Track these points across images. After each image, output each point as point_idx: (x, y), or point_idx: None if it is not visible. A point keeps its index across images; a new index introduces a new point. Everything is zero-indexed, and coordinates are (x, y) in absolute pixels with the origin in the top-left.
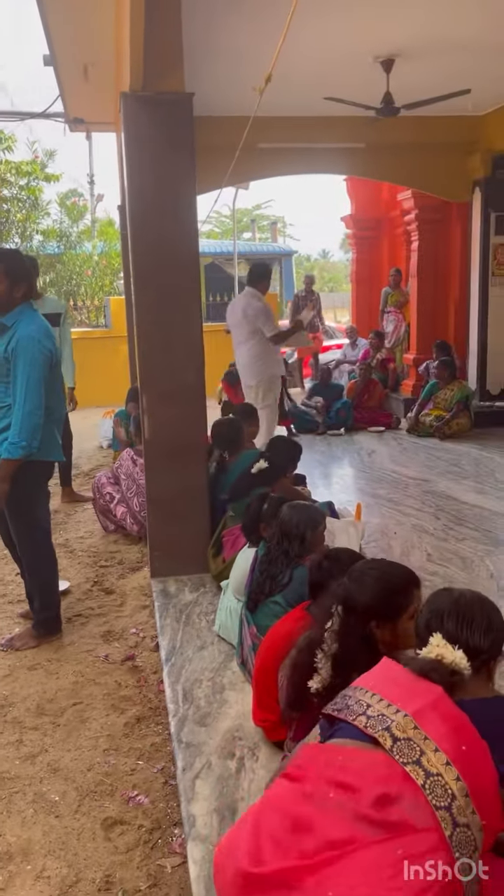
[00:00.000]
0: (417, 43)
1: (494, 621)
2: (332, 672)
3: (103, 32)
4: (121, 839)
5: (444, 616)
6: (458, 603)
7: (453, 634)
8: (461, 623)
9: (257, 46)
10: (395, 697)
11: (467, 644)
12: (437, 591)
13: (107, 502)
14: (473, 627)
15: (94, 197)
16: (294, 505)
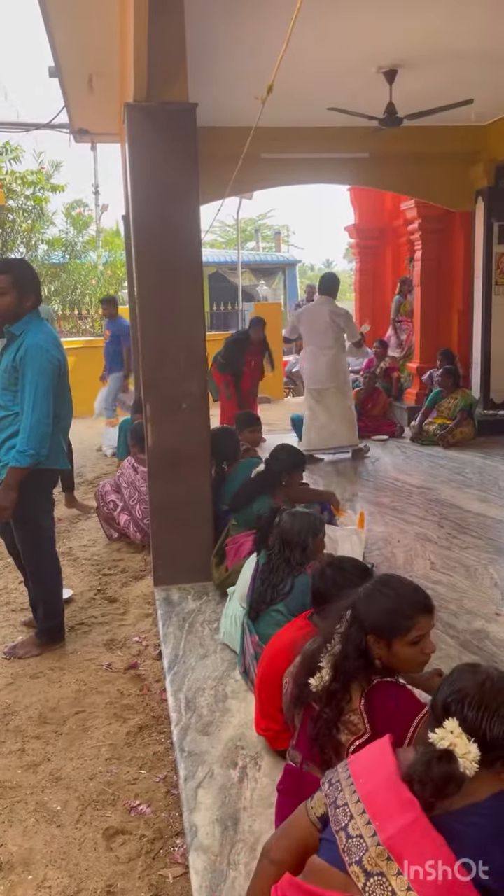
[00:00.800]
0: (420, 53)
1: None
2: (331, 674)
3: (108, 44)
4: (122, 849)
5: (465, 700)
6: (483, 687)
7: (473, 724)
8: (484, 712)
9: (260, 57)
10: (377, 809)
11: (485, 737)
12: (462, 666)
13: (110, 510)
14: (496, 719)
15: (98, 207)
16: (294, 513)
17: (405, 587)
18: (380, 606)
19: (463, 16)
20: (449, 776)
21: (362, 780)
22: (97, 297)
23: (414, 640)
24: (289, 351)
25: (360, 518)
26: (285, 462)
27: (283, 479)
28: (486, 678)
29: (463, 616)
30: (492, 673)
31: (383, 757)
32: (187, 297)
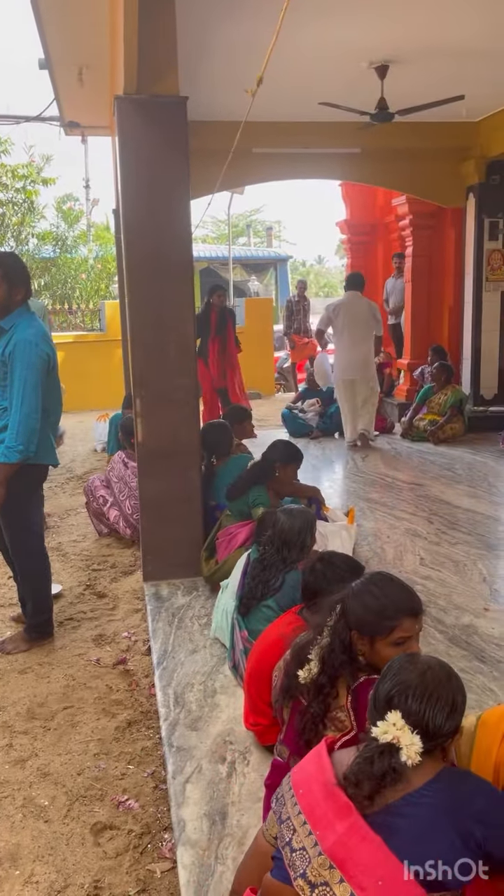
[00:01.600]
0: (411, 49)
1: (458, 703)
2: (319, 667)
3: (98, 36)
4: (110, 844)
5: (408, 692)
6: (425, 678)
7: (416, 715)
8: (426, 702)
9: (252, 51)
10: (316, 819)
11: (427, 727)
12: (401, 658)
13: (100, 505)
14: (437, 709)
15: (89, 201)
16: (289, 511)
17: (394, 588)
18: (365, 604)
19: (454, 12)
20: (389, 770)
21: (302, 790)
22: (88, 291)
23: (396, 640)
24: (279, 346)
25: (350, 513)
26: (281, 452)
27: (277, 470)
28: (427, 668)
29: (451, 611)
30: (432, 663)
31: (319, 764)
32: (177, 292)
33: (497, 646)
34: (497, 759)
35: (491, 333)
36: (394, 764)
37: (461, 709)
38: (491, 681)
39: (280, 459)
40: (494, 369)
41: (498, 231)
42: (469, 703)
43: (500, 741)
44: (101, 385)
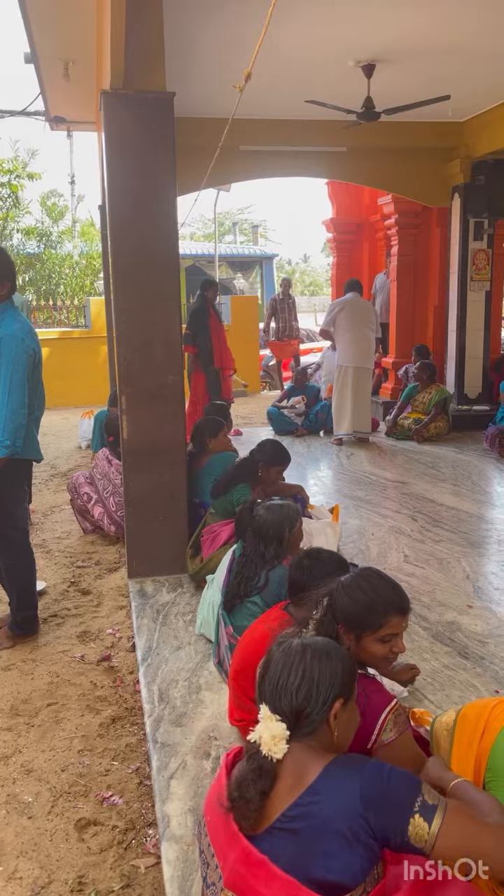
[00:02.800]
0: (398, 48)
1: (316, 674)
2: None
3: (84, 31)
4: (94, 840)
5: (265, 680)
6: (279, 661)
7: (273, 701)
8: (279, 684)
9: (239, 48)
10: (219, 847)
11: (289, 710)
12: (275, 643)
13: (84, 503)
14: (293, 688)
15: (74, 197)
16: (269, 505)
17: (384, 585)
18: (354, 599)
19: (441, 12)
20: (257, 772)
21: (209, 816)
22: (73, 287)
23: (383, 637)
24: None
25: (335, 511)
26: (267, 453)
27: (260, 470)
28: (286, 649)
29: (435, 608)
30: (293, 644)
31: (218, 784)
32: (163, 289)
33: (480, 642)
34: (478, 752)
35: (475, 333)
36: (260, 762)
37: (328, 678)
38: (474, 677)
39: (264, 460)
40: (478, 369)
41: (483, 231)
42: (452, 699)
43: (481, 735)
44: (86, 382)
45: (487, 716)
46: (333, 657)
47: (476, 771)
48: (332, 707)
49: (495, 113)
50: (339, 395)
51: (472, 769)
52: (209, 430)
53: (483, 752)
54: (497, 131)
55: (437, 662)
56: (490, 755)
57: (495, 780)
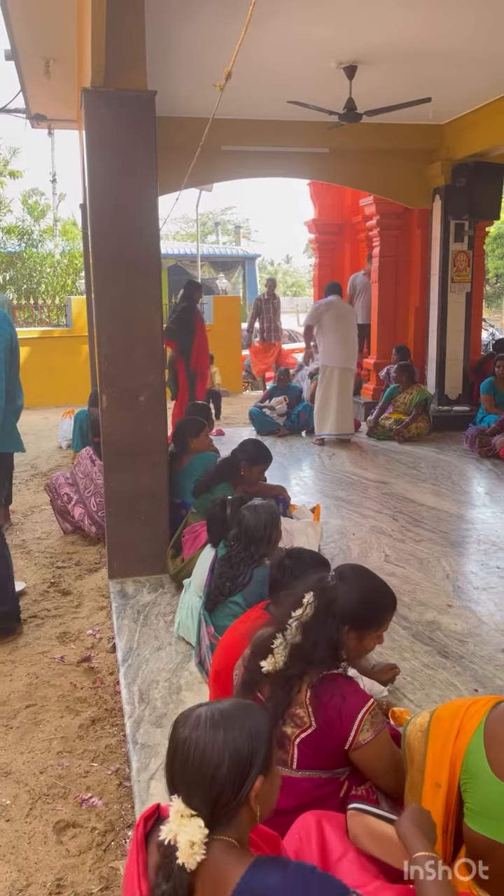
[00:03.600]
0: (380, 50)
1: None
2: (287, 660)
3: (66, 28)
4: (73, 842)
5: (178, 773)
6: (174, 748)
7: (185, 796)
8: (185, 780)
9: (221, 47)
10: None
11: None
12: (177, 721)
13: (64, 503)
14: (199, 781)
15: (56, 195)
16: (253, 507)
17: (379, 581)
18: (362, 598)
19: (423, 15)
20: (173, 886)
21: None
22: (54, 286)
23: (380, 634)
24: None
25: (316, 511)
26: (249, 452)
27: (242, 469)
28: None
29: (416, 607)
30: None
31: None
32: (145, 288)
33: (459, 641)
34: (453, 753)
35: (456, 334)
36: (175, 875)
37: (247, 753)
38: (453, 676)
39: (246, 459)
40: (459, 370)
41: (463, 233)
42: (432, 698)
43: (456, 736)
44: (67, 381)
45: (462, 716)
46: (248, 722)
47: (451, 773)
48: (252, 786)
49: (475, 116)
50: (323, 396)
51: (447, 771)
52: (191, 429)
53: (458, 753)
54: (477, 134)
55: (417, 661)
56: (465, 756)
57: (470, 782)
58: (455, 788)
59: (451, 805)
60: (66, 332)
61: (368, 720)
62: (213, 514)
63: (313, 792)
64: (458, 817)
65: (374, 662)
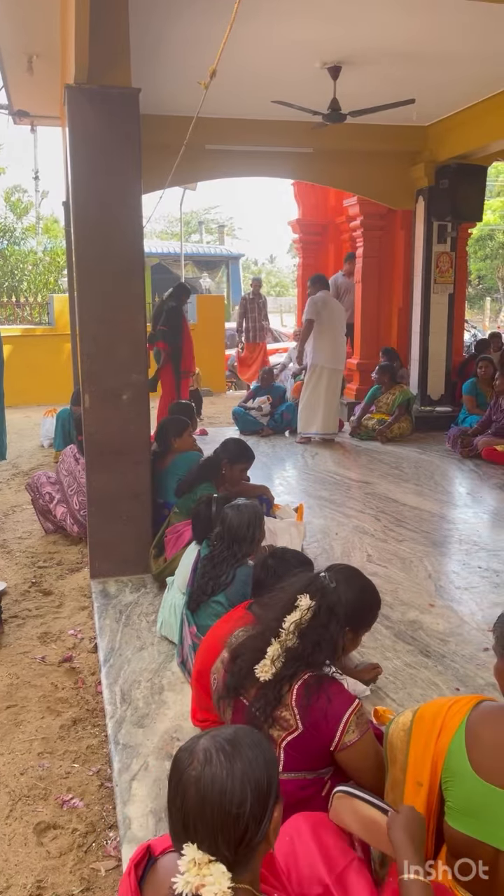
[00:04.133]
0: (364, 51)
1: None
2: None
3: (49, 24)
4: (53, 844)
5: (194, 818)
6: (183, 792)
7: (208, 843)
8: (205, 824)
9: (205, 46)
10: None
11: (223, 849)
12: (178, 758)
13: (46, 503)
14: (224, 823)
15: (38, 193)
16: (237, 506)
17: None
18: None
19: (407, 17)
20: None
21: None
22: (36, 284)
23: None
24: (232, 344)
25: (300, 510)
26: (231, 451)
27: (224, 468)
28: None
29: (398, 607)
30: (209, 746)
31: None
32: (128, 286)
33: (441, 641)
34: (435, 752)
35: (438, 335)
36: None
37: (265, 783)
38: (435, 675)
39: (227, 458)
40: (441, 371)
41: (446, 234)
42: (414, 697)
43: (438, 735)
44: (49, 380)
45: (444, 715)
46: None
47: (433, 772)
48: (272, 817)
49: (458, 118)
50: (311, 395)
51: (429, 770)
52: (174, 429)
53: (440, 752)
54: (460, 136)
55: (399, 661)
56: (446, 755)
57: (451, 780)
58: (436, 787)
59: (433, 804)
60: (48, 330)
61: (354, 721)
62: (198, 512)
63: (298, 793)
64: (439, 816)
65: (357, 662)
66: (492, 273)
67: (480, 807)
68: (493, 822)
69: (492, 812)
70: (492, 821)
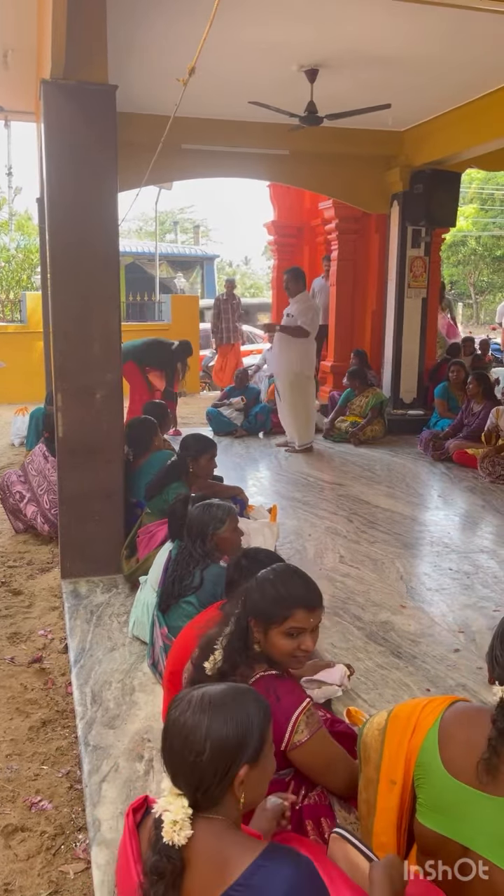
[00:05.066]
0: (341, 55)
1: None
2: (222, 654)
3: (25, 18)
4: (21, 846)
5: (166, 754)
6: (177, 722)
7: (174, 773)
8: (172, 760)
9: (182, 45)
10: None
11: (189, 783)
12: (173, 700)
13: (16, 501)
14: (183, 764)
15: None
16: (201, 504)
17: (295, 579)
18: (264, 592)
19: (384, 22)
20: (165, 864)
21: (119, 889)
22: (8, 281)
23: (288, 631)
24: (207, 345)
25: (273, 511)
26: (192, 448)
27: (190, 465)
28: (187, 706)
29: (370, 608)
30: (194, 697)
31: (126, 854)
32: (103, 285)
33: (413, 642)
34: (408, 750)
35: (411, 339)
36: (165, 853)
37: (234, 739)
38: (406, 676)
39: (190, 454)
40: (414, 374)
41: (420, 239)
42: (385, 698)
43: (412, 733)
44: (21, 378)
45: (418, 714)
46: (239, 711)
47: (406, 769)
48: (236, 775)
49: (433, 124)
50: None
51: (402, 768)
52: (150, 430)
53: (413, 749)
54: (435, 142)
55: (370, 662)
56: (419, 752)
57: (423, 777)
58: (409, 785)
59: (406, 802)
60: (20, 328)
61: (304, 720)
62: (173, 510)
63: None
64: (411, 814)
65: (329, 660)
66: (464, 279)
67: (450, 804)
68: (461, 820)
69: (460, 810)
70: (460, 818)
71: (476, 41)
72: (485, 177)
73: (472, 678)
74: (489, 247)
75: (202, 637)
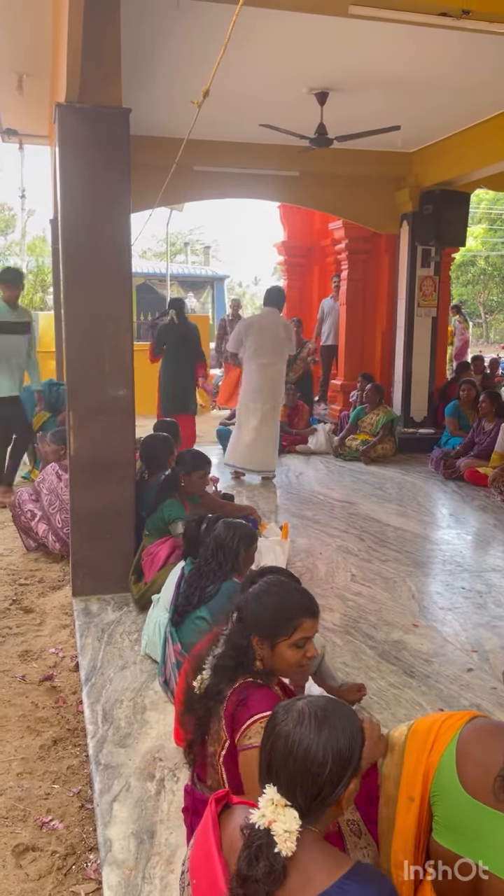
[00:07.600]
0: (351, 78)
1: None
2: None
3: (40, 43)
4: (32, 866)
5: (278, 765)
6: (274, 738)
7: (288, 783)
8: (288, 772)
9: (194, 69)
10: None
11: (304, 795)
12: (277, 708)
13: (28, 520)
14: (306, 776)
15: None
16: (230, 523)
17: (292, 590)
18: (265, 606)
19: (394, 45)
20: (269, 871)
21: (196, 880)
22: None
23: (297, 642)
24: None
25: (284, 529)
26: (186, 462)
27: (182, 480)
28: (300, 718)
29: (382, 627)
30: (306, 709)
31: (206, 844)
32: (115, 304)
33: (425, 661)
34: (426, 766)
35: (421, 358)
36: (271, 861)
37: (348, 752)
38: (419, 695)
39: (182, 469)
40: (424, 393)
41: (430, 259)
42: (398, 718)
43: (430, 749)
44: None
45: (437, 730)
46: (347, 722)
47: (423, 786)
48: (348, 786)
49: (442, 145)
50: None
51: (420, 784)
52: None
53: (431, 766)
54: (444, 163)
55: (383, 681)
56: (437, 769)
57: (440, 795)
58: (427, 802)
59: (424, 818)
60: None
61: (257, 728)
62: (188, 529)
63: None
64: (429, 832)
65: (342, 682)
66: (473, 298)
67: (466, 823)
68: (476, 839)
69: (476, 829)
70: (475, 837)
71: (485, 64)
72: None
73: (486, 698)
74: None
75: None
